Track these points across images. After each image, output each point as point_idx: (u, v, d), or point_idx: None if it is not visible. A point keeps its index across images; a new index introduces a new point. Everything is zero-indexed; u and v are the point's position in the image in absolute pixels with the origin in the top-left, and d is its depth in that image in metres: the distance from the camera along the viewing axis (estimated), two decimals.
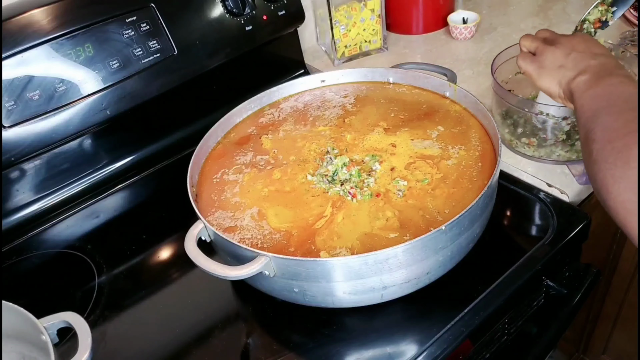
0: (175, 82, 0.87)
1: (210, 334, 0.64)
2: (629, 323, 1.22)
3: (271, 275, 0.57)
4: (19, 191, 0.83)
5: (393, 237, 0.60)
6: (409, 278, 0.58)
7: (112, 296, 0.72)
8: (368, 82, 0.87)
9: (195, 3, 0.88)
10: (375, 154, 0.72)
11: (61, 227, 0.85)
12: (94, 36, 0.79)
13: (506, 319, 0.67)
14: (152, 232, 0.80)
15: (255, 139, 0.80)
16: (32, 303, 0.58)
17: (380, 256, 0.54)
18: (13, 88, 0.74)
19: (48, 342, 0.53)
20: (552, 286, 0.71)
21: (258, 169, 0.74)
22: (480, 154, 0.70)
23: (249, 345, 0.64)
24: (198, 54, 0.88)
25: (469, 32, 1.16)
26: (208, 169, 0.75)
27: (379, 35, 1.15)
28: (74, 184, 0.88)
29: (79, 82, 0.79)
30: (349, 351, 0.60)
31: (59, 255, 0.80)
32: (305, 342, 0.62)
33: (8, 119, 0.74)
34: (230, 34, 0.91)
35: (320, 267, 0.56)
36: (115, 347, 0.65)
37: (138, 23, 0.82)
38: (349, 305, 0.61)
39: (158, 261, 0.77)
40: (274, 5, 0.95)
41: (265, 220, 0.65)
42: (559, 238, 0.68)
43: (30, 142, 0.77)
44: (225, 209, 0.68)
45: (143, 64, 0.83)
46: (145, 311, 0.70)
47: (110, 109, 0.82)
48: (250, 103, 0.84)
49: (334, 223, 0.63)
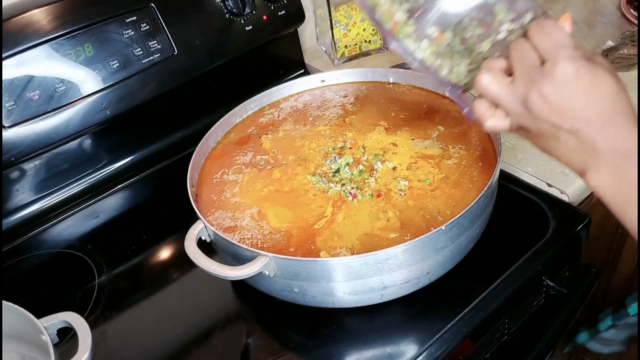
0: (175, 82, 0.87)
1: (210, 334, 0.64)
2: None
3: (271, 275, 0.57)
4: (19, 191, 0.83)
5: (393, 237, 0.60)
6: (409, 278, 0.58)
7: (112, 296, 0.72)
8: (368, 82, 0.87)
9: (195, 3, 0.88)
10: (378, 153, 0.72)
11: (61, 227, 0.85)
12: (94, 36, 0.79)
13: (506, 319, 0.67)
14: (152, 232, 0.80)
15: (255, 139, 0.80)
16: (32, 303, 0.58)
17: (381, 256, 0.54)
18: (13, 88, 0.74)
19: (48, 342, 0.53)
20: (552, 286, 0.71)
21: (258, 169, 0.74)
22: (481, 154, 0.70)
23: (249, 345, 0.64)
24: (198, 54, 0.88)
25: None
26: (208, 169, 0.75)
27: (379, 35, 1.15)
28: (74, 184, 0.88)
29: (79, 82, 0.79)
30: (349, 351, 0.60)
31: (59, 255, 0.80)
32: (305, 342, 0.62)
33: (8, 119, 0.74)
34: (230, 34, 0.91)
35: (320, 267, 0.56)
36: (115, 347, 0.65)
37: (138, 23, 0.82)
38: (349, 305, 0.61)
39: (158, 261, 0.77)
40: (274, 5, 0.95)
41: (265, 220, 0.65)
42: (558, 238, 0.68)
43: (30, 142, 0.77)
44: (225, 209, 0.68)
45: (143, 64, 0.83)
46: (145, 311, 0.70)
47: (110, 109, 0.82)
48: (250, 103, 0.84)
49: (334, 223, 0.63)
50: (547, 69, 0.42)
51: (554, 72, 0.42)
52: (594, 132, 0.42)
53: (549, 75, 0.42)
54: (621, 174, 0.43)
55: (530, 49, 0.44)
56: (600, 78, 0.42)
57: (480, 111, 0.48)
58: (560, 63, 0.42)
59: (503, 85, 0.45)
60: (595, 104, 0.42)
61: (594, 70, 0.42)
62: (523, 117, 0.45)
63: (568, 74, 0.42)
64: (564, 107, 0.42)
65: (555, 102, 0.42)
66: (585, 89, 0.42)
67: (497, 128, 0.48)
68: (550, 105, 0.43)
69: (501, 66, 0.46)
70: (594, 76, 0.42)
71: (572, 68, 0.42)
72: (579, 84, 0.42)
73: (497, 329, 0.66)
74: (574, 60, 0.42)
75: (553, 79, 0.42)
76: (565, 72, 0.42)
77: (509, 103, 0.45)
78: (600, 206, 0.51)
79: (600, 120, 0.42)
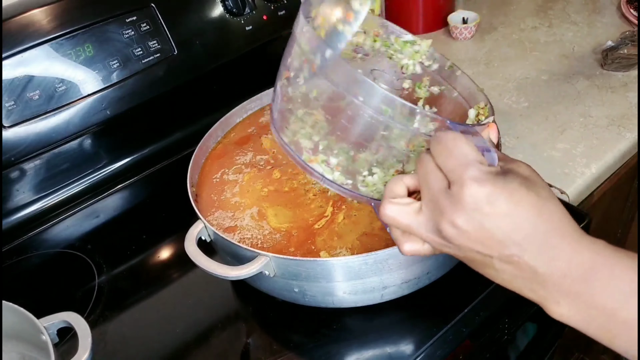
0: (175, 82, 0.87)
1: (210, 334, 0.64)
2: None
3: (271, 275, 0.57)
4: (19, 191, 0.83)
5: None
6: (408, 278, 0.58)
7: (112, 296, 0.72)
8: None
9: (195, 3, 0.88)
10: None
11: (61, 227, 0.85)
12: (94, 36, 0.79)
13: (506, 319, 0.67)
14: (152, 232, 0.80)
15: (255, 138, 0.79)
16: (32, 303, 0.58)
17: (380, 256, 0.54)
18: (13, 88, 0.74)
19: (48, 342, 0.53)
20: None
21: (258, 168, 0.74)
22: None
23: (249, 345, 0.63)
24: (198, 54, 0.88)
25: (469, 32, 1.16)
26: (208, 169, 0.75)
27: None
28: (74, 184, 0.88)
29: (79, 82, 0.79)
30: (349, 351, 0.60)
31: (59, 255, 0.80)
32: (305, 342, 0.62)
33: (8, 119, 0.74)
34: (230, 34, 0.91)
35: (320, 267, 0.56)
36: (115, 347, 0.65)
37: (138, 23, 0.82)
38: (349, 305, 0.61)
39: (158, 261, 0.77)
40: (274, 5, 0.95)
41: (265, 220, 0.65)
42: None
43: (30, 142, 0.77)
44: (225, 209, 0.68)
45: (143, 64, 0.83)
46: (145, 311, 0.70)
47: (110, 109, 0.82)
48: (250, 103, 0.84)
49: (334, 223, 0.63)
50: (455, 194, 0.36)
51: (462, 198, 0.36)
52: (531, 258, 0.36)
53: (458, 204, 0.36)
54: (585, 302, 0.35)
55: (434, 170, 0.38)
56: (517, 195, 0.35)
57: (394, 236, 0.43)
58: (466, 188, 0.35)
59: (411, 216, 0.40)
60: (520, 225, 0.35)
61: (507, 187, 0.35)
62: (444, 247, 0.39)
63: (478, 199, 0.35)
64: (485, 236, 0.36)
65: (472, 232, 0.36)
66: (504, 211, 0.35)
67: (418, 254, 0.42)
68: (468, 235, 0.36)
69: (408, 184, 0.41)
70: (509, 194, 0.35)
71: (482, 192, 0.35)
72: (495, 208, 0.35)
73: (497, 329, 0.66)
74: (481, 183, 0.35)
75: (463, 206, 0.36)
76: (474, 197, 0.35)
77: (422, 234, 0.40)
78: (600, 206, 0.52)
79: (534, 244, 0.35)
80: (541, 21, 1.18)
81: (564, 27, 1.14)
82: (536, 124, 0.88)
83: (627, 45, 0.99)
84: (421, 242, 0.41)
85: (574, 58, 1.03)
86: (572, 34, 1.11)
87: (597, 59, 1.01)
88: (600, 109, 0.89)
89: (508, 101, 0.95)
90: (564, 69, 1.01)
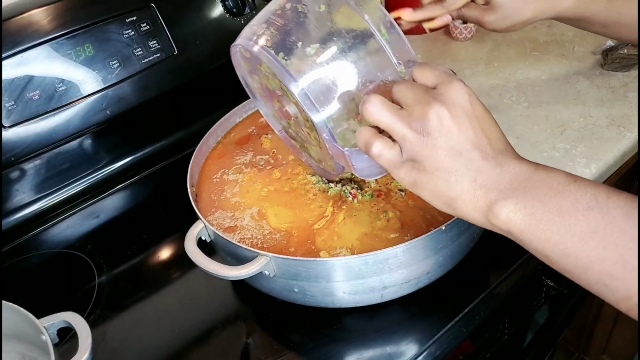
0: (175, 82, 0.87)
1: (210, 334, 0.64)
2: (629, 323, 1.22)
3: (271, 275, 0.57)
4: (19, 191, 0.83)
5: (393, 237, 0.60)
6: (409, 278, 0.58)
7: (112, 296, 0.72)
8: None
9: (195, 3, 0.88)
10: None
11: (61, 227, 0.85)
12: (94, 36, 0.79)
13: (506, 318, 0.67)
14: (152, 232, 0.80)
15: (255, 138, 0.79)
16: (32, 303, 0.58)
17: (381, 256, 0.54)
18: (13, 88, 0.74)
19: (48, 342, 0.53)
20: (552, 286, 0.71)
21: (258, 168, 0.74)
22: None
23: (249, 345, 0.63)
24: (198, 54, 0.88)
25: (469, 32, 1.16)
26: (208, 169, 0.75)
27: None
28: (74, 184, 0.88)
29: (79, 82, 0.79)
30: (349, 351, 0.60)
31: (59, 255, 0.80)
32: (305, 342, 0.62)
33: (8, 119, 0.74)
34: (230, 34, 0.91)
35: (320, 267, 0.56)
36: (115, 347, 0.65)
37: (138, 23, 0.82)
38: (349, 305, 0.61)
39: (158, 261, 0.77)
40: None
41: (265, 220, 0.65)
42: None
43: (30, 142, 0.77)
44: (225, 209, 0.68)
45: (143, 64, 0.83)
46: (145, 311, 0.70)
47: (110, 109, 0.82)
48: (251, 103, 0.84)
49: (334, 223, 0.63)
50: (441, 90, 0.40)
51: (449, 92, 0.40)
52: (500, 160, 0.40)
53: (444, 95, 0.39)
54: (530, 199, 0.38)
55: (417, 84, 0.42)
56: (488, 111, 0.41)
57: (364, 138, 0.43)
58: (454, 83, 0.40)
59: (395, 110, 0.41)
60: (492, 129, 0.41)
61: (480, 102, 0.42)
62: (418, 145, 0.40)
63: (464, 94, 0.40)
64: (464, 129, 0.39)
65: (452, 125, 0.39)
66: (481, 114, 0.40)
67: (384, 157, 0.42)
68: (449, 127, 0.39)
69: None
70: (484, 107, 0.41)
71: (466, 90, 0.40)
72: (475, 109, 0.40)
73: (497, 329, 0.66)
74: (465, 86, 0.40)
75: (450, 98, 0.39)
76: (460, 92, 0.40)
77: (403, 128, 0.40)
78: None
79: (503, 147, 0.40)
80: (541, 21, 1.18)
81: (564, 27, 1.14)
82: (536, 124, 0.88)
83: (627, 45, 0.99)
84: (391, 144, 0.42)
85: (574, 58, 1.03)
86: (572, 34, 1.11)
87: (597, 59, 1.01)
88: (600, 109, 0.89)
89: (508, 101, 0.95)
90: (564, 69, 1.01)
